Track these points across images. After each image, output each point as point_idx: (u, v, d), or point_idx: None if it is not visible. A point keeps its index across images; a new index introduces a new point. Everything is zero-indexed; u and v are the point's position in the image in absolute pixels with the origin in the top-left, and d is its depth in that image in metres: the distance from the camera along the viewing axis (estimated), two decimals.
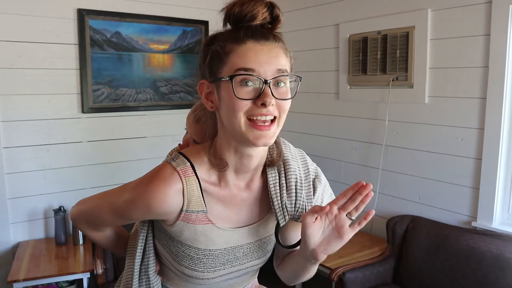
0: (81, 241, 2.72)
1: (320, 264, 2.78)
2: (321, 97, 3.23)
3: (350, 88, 3.00)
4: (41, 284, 2.45)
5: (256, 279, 1.21)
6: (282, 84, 0.85)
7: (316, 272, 1.17)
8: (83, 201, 1.07)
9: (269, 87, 0.82)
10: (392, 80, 2.69)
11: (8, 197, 2.72)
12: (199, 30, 3.30)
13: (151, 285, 1.02)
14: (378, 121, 2.83)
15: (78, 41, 2.85)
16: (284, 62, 0.85)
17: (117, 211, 0.97)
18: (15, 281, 2.27)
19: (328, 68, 3.15)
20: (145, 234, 1.02)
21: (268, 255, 1.07)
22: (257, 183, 0.98)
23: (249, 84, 0.83)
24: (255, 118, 0.83)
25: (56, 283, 2.55)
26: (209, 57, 0.87)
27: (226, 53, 0.84)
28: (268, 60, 0.83)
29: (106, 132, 3.02)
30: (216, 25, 0.90)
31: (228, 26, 0.88)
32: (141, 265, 1.02)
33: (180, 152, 0.95)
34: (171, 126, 3.21)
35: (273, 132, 0.85)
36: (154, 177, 0.91)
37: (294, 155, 1.02)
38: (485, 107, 2.29)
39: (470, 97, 2.36)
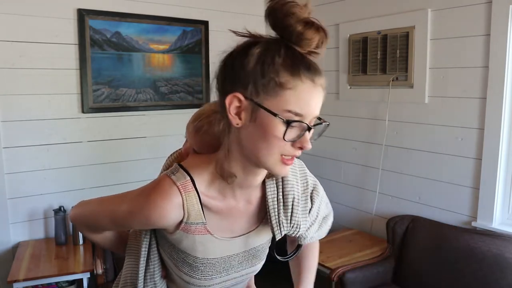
0: (81, 241, 2.72)
1: (320, 264, 2.78)
2: None
3: (350, 88, 3.00)
4: (41, 284, 2.45)
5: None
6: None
7: (316, 272, 1.18)
8: (83, 203, 1.07)
9: (309, 132, 0.83)
10: (392, 80, 2.69)
11: (8, 197, 2.71)
12: (199, 30, 3.30)
13: None
14: (378, 121, 2.83)
15: (78, 41, 2.84)
16: (320, 105, 0.85)
17: (116, 219, 0.98)
18: (15, 281, 2.26)
19: (328, 68, 3.15)
20: (148, 242, 1.02)
21: (262, 262, 1.10)
22: (256, 194, 0.99)
23: (294, 126, 0.81)
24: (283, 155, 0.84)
25: (56, 283, 2.54)
26: (259, 73, 0.80)
27: (280, 84, 0.79)
28: (316, 105, 0.83)
29: (106, 132, 3.02)
30: (216, 25, 0.89)
31: (271, 28, 0.83)
32: (146, 271, 1.03)
33: (180, 164, 0.94)
34: (171, 126, 3.21)
35: (291, 164, 0.86)
36: (153, 191, 0.90)
37: (294, 169, 1.01)
38: (485, 107, 2.29)
39: (470, 97, 2.36)
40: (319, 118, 0.86)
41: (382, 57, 2.73)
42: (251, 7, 3.44)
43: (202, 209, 0.92)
